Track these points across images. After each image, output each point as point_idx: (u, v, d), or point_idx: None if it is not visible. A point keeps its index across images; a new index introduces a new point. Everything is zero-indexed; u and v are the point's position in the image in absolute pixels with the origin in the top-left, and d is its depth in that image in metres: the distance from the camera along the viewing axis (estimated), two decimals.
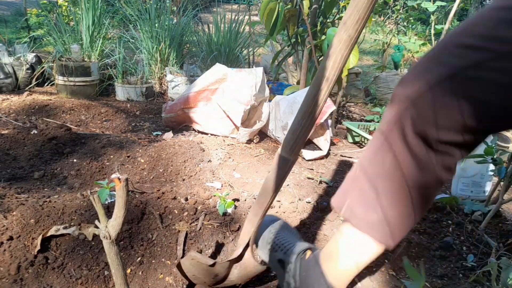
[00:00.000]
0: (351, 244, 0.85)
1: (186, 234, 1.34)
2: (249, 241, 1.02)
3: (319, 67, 0.85)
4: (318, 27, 2.66)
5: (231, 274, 1.06)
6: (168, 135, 2.36)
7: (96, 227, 0.83)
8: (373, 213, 0.79)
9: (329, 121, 2.56)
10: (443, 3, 3.67)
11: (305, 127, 0.88)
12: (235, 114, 2.29)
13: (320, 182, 1.90)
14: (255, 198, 1.59)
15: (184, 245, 1.30)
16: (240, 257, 1.04)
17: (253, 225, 1.00)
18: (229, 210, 1.47)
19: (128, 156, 1.86)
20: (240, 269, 1.05)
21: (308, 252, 0.98)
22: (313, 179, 1.92)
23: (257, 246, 1.12)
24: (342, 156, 2.39)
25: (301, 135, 0.89)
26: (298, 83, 2.86)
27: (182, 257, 1.27)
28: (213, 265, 1.00)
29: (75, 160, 1.82)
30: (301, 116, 0.88)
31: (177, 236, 1.33)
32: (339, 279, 0.88)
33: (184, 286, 1.19)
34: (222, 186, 1.70)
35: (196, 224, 1.38)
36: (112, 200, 1.42)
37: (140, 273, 1.21)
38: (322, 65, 0.83)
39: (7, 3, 7.70)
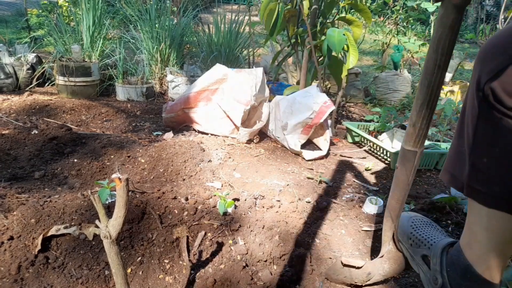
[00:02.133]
0: (484, 224, 0.79)
1: (187, 238, 1.34)
2: (393, 236, 1.05)
3: (426, 56, 0.85)
4: (318, 28, 2.66)
5: (382, 269, 1.10)
6: (169, 135, 2.37)
7: (97, 226, 0.83)
8: (495, 186, 0.75)
9: (329, 121, 2.57)
10: None
11: (425, 118, 0.89)
12: (235, 114, 2.29)
13: (320, 182, 1.90)
14: (255, 198, 1.60)
15: (188, 251, 1.30)
16: (389, 253, 1.08)
17: (393, 221, 1.03)
18: (229, 210, 1.47)
19: (129, 156, 1.86)
20: (390, 263, 1.09)
21: (452, 247, 0.96)
22: (313, 179, 1.93)
23: (399, 241, 1.12)
24: (342, 156, 2.39)
25: (423, 126, 0.90)
26: (298, 83, 2.86)
27: (190, 261, 1.27)
28: (365, 266, 1.07)
29: (75, 160, 1.82)
30: (419, 108, 0.88)
31: (177, 236, 1.33)
32: (485, 264, 0.82)
33: (184, 286, 1.19)
34: (222, 186, 1.70)
35: (196, 225, 1.39)
36: (113, 200, 1.43)
37: (141, 272, 1.21)
38: (429, 53, 0.83)
39: (8, 3, 7.70)
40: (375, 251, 1.43)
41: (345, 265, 1.11)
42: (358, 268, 1.09)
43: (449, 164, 0.86)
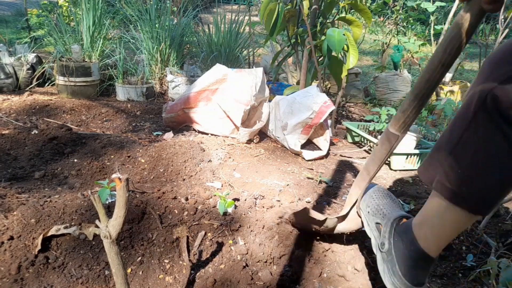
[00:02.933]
0: (441, 213, 0.90)
1: (187, 238, 1.34)
2: (355, 202, 1.21)
3: (434, 51, 0.88)
4: (318, 28, 2.66)
5: (338, 226, 1.28)
6: (169, 135, 2.37)
7: (97, 226, 0.83)
8: (463, 186, 0.84)
9: (329, 121, 2.57)
10: (443, 4, 3.67)
11: (415, 108, 0.95)
12: (235, 114, 2.29)
13: (320, 182, 1.90)
14: (255, 198, 1.60)
15: (188, 251, 1.30)
16: (347, 215, 1.25)
17: (360, 188, 1.18)
18: (229, 210, 1.47)
19: (129, 156, 1.86)
20: (346, 223, 1.27)
21: (403, 220, 1.08)
22: (313, 179, 1.93)
23: (359, 208, 1.26)
24: (342, 156, 2.39)
25: (411, 115, 0.96)
26: (298, 83, 2.86)
27: (190, 261, 1.27)
28: (324, 220, 1.23)
29: (75, 160, 1.82)
30: (413, 98, 0.94)
31: (177, 236, 1.33)
32: (429, 243, 0.95)
33: (184, 286, 1.19)
34: (222, 186, 1.70)
35: (196, 225, 1.39)
36: (113, 200, 1.43)
37: (141, 272, 1.21)
38: (437, 50, 0.85)
39: (8, 3, 7.71)
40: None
41: (308, 216, 1.26)
42: (319, 221, 1.25)
43: (428, 158, 0.94)
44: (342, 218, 1.27)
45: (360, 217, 1.23)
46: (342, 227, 1.29)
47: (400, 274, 1.00)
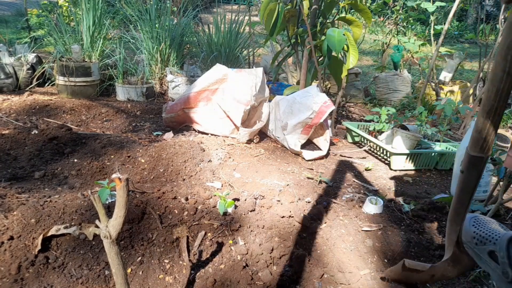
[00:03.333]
0: None
1: (187, 238, 1.34)
2: (458, 239, 1.08)
3: (494, 62, 0.85)
4: (318, 28, 2.66)
5: (446, 271, 1.15)
6: (169, 135, 2.37)
7: (97, 226, 0.84)
8: None
9: (329, 121, 2.57)
10: (443, 4, 3.67)
11: (492, 124, 0.90)
12: (235, 114, 2.29)
13: (320, 182, 1.90)
14: (255, 198, 1.60)
15: (188, 251, 1.30)
16: (453, 256, 1.12)
17: (457, 224, 1.06)
18: (229, 210, 1.47)
19: (129, 156, 1.86)
20: (454, 265, 1.13)
21: None
22: (313, 179, 1.93)
23: (464, 243, 1.15)
24: (342, 156, 2.39)
25: (490, 132, 0.91)
26: (298, 83, 2.86)
27: (190, 261, 1.27)
28: (429, 270, 1.14)
29: (75, 160, 1.83)
30: (486, 114, 0.89)
31: (177, 236, 1.33)
32: None
33: (184, 286, 1.19)
34: (222, 186, 1.70)
35: (196, 225, 1.39)
36: (113, 200, 1.43)
37: (141, 272, 1.21)
38: (497, 60, 0.83)
39: (8, 3, 7.71)
40: (375, 250, 1.43)
41: (407, 269, 1.17)
42: (424, 272, 1.15)
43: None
44: (450, 261, 1.14)
45: (466, 254, 1.12)
46: (451, 272, 1.16)
47: None
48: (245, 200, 1.59)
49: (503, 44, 0.82)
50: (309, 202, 1.67)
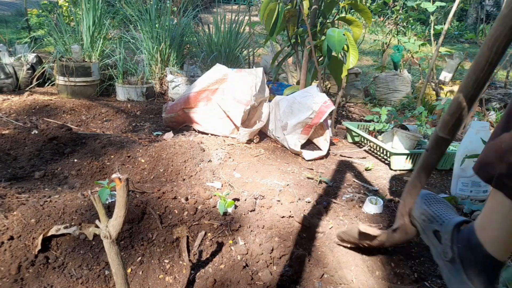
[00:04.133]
0: (505, 213, 0.87)
1: (187, 238, 1.34)
2: (409, 212, 1.17)
3: (479, 51, 0.88)
4: (318, 28, 2.66)
5: (393, 237, 1.25)
6: (169, 135, 2.37)
7: (97, 226, 0.84)
8: None
9: (329, 121, 2.57)
10: (443, 4, 3.67)
11: (464, 109, 0.93)
12: (235, 114, 2.29)
13: (320, 182, 1.90)
14: (255, 198, 1.60)
15: (188, 251, 1.30)
16: (402, 225, 1.20)
17: (412, 197, 1.14)
18: (230, 210, 1.47)
19: (129, 156, 1.86)
20: (400, 234, 1.22)
21: (464, 225, 1.04)
22: (313, 179, 1.93)
23: (413, 217, 1.22)
24: (342, 156, 2.40)
25: (460, 117, 0.95)
26: (298, 83, 2.86)
27: (190, 261, 1.27)
28: (379, 235, 1.22)
29: (75, 160, 1.83)
30: (462, 99, 0.92)
31: (177, 236, 1.33)
32: (496, 248, 0.91)
33: (184, 286, 1.19)
34: (222, 186, 1.70)
35: (196, 225, 1.39)
36: (113, 200, 1.43)
37: (141, 272, 1.21)
38: (483, 50, 0.85)
39: (8, 3, 7.71)
40: (375, 250, 1.43)
41: (362, 232, 1.25)
42: (374, 236, 1.24)
43: (483, 155, 0.91)
44: (398, 229, 1.22)
45: (415, 226, 1.19)
46: (397, 238, 1.25)
47: (469, 282, 0.96)
48: (245, 200, 1.59)
49: (491, 35, 0.84)
50: (309, 202, 1.67)
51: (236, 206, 1.52)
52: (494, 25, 0.84)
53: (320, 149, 2.34)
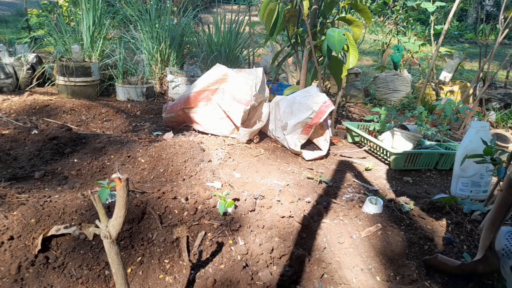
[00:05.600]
0: None
1: (187, 238, 1.34)
2: (490, 245, 1.25)
3: None
4: (318, 28, 2.66)
5: (477, 268, 1.30)
6: (169, 135, 2.37)
7: (97, 226, 0.84)
8: None
9: (329, 121, 2.57)
10: (443, 4, 3.67)
11: None
12: (235, 114, 2.29)
13: (320, 182, 1.90)
14: (255, 198, 1.60)
15: (188, 251, 1.30)
16: (484, 257, 1.27)
17: (492, 232, 1.23)
18: (230, 210, 1.47)
19: (129, 156, 1.86)
20: (483, 266, 1.29)
21: None
22: (313, 179, 1.93)
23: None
24: (342, 156, 2.39)
25: None
26: (298, 83, 2.86)
27: (190, 261, 1.27)
28: (459, 267, 1.30)
29: (75, 160, 1.83)
30: None
31: (177, 236, 1.33)
32: None
33: (184, 286, 1.19)
34: (222, 186, 1.70)
35: (196, 225, 1.39)
36: (113, 200, 1.43)
37: (141, 272, 1.21)
38: None
39: (8, 3, 7.71)
40: (375, 250, 1.43)
41: (440, 262, 1.33)
42: (454, 267, 1.31)
43: None
44: (480, 262, 1.29)
45: (496, 258, 1.26)
46: (481, 270, 1.30)
47: None
48: (245, 200, 1.59)
49: None
50: (309, 202, 1.67)
51: (236, 206, 1.52)
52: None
53: (320, 149, 2.34)
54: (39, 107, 2.72)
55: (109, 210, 1.36)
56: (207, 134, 2.42)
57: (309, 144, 2.43)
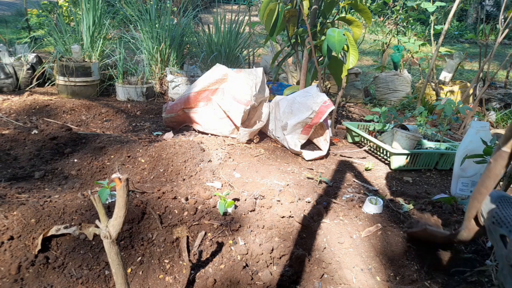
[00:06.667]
0: None
1: (187, 238, 1.34)
2: (476, 216, 1.24)
3: None
4: (318, 28, 2.66)
5: (462, 236, 1.31)
6: (169, 135, 2.37)
7: (97, 226, 0.84)
8: None
9: (329, 121, 2.57)
10: (443, 4, 3.67)
11: None
12: (235, 114, 2.29)
13: (320, 182, 1.90)
14: (255, 198, 1.60)
15: (188, 251, 1.30)
16: (468, 226, 1.28)
17: (479, 201, 1.23)
18: (230, 210, 1.47)
19: (129, 156, 1.86)
20: (467, 232, 1.30)
21: None
22: (313, 179, 1.93)
23: (482, 216, 1.26)
24: (342, 156, 2.39)
25: None
26: (298, 83, 2.86)
27: (190, 261, 1.27)
28: (448, 235, 1.31)
29: (75, 160, 1.83)
30: None
31: (177, 236, 1.33)
32: None
33: (184, 286, 1.19)
34: (222, 186, 1.70)
35: (196, 225, 1.39)
36: (113, 200, 1.43)
37: (141, 272, 1.21)
38: None
39: (8, 3, 7.71)
40: (375, 250, 1.43)
41: (430, 234, 1.36)
42: (442, 237, 1.34)
43: None
44: (465, 229, 1.30)
45: (483, 226, 1.24)
46: (464, 236, 1.32)
47: None
48: (245, 200, 1.59)
49: None
50: (309, 202, 1.67)
51: (236, 206, 1.52)
52: None
53: (320, 149, 2.34)
54: (39, 107, 2.72)
55: (109, 210, 1.36)
56: (207, 134, 2.42)
57: (309, 144, 2.43)
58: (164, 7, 3.70)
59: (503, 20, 3.12)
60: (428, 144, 2.46)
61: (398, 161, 2.23)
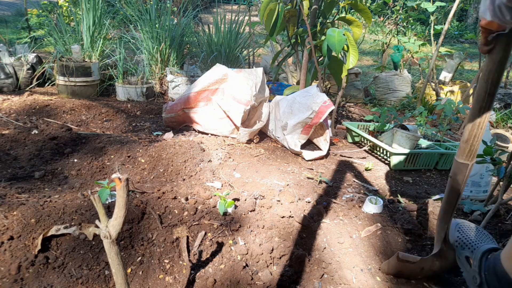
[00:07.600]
0: None
1: (187, 238, 1.34)
2: (445, 236, 1.21)
3: (478, 84, 1.03)
4: (318, 28, 2.66)
5: (434, 265, 1.26)
6: (169, 135, 2.37)
7: (97, 226, 0.84)
8: None
9: (329, 121, 2.57)
10: (443, 4, 3.67)
11: (476, 136, 1.06)
12: (235, 114, 2.29)
13: (320, 182, 1.90)
14: (255, 198, 1.60)
15: (188, 251, 1.30)
16: (440, 251, 1.23)
17: (446, 222, 1.19)
18: (230, 210, 1.47)
19: (129, 156, 1.86)
20: (441, 260, 1.25)
21: (492, 253, 1.11)
22: (313, 179, 1.93)
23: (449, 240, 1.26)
24: (342, 156, 2.39)
25: (474, 143, 1.07)
26: (298, 83, 2.86)
27: (190, 261, 1.27)
28: (419, 261, 1.24)
29: (75, 160, 1.82)
30: (471, 127, 1.05)
31: (177, 236, 1.33)
32: None
33: (184, 286, 1.19)
34: (222, 186, 1.70)
35: (196, 225, 1.39)
36: (113, 200, 1.43)
37: (141, 272, 1.21)
38: (480, 83, 1.00)
39: (8, 3, 7.71)
40: (375, 250, 1.43)
41: (401, 260, 1.26)
42: (413, 263, 1.24)
43: None
44: (437, 255, 1.25)
45: (453, 250, 1.24)
46: (439, 266, 1.27)
47: None
48: (245, 200, 1.59)
49: (485, 69, 0.99)
50: (309, 202, 1.67)
51: (236, 206, 1.52)
52: (486, 61, 0.99)
53: (320, 149, 2.34)
54: (39, 107, 2.72)
55: (109, 210, 1.36)
56: (207, 134, 2.42)
57: (309, 144, 2.43)
58: (164, 7, 3.70)
59: None
60: (425, 143, 2.46)
61: (398, 161, 2.23)
